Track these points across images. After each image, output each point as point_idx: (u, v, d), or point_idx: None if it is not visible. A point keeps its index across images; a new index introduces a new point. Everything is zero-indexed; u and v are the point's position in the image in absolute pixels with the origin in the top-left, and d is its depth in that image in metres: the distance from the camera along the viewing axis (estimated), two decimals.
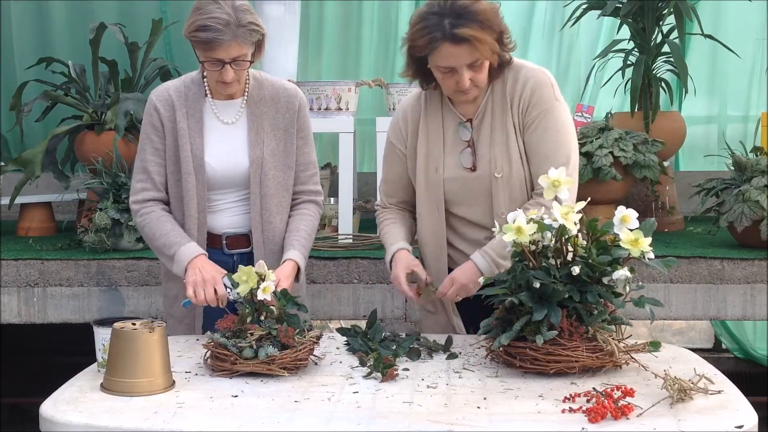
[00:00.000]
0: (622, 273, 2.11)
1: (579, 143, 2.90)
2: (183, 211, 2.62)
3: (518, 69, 2.54)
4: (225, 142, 2.63)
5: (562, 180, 2.18)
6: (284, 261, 2.58)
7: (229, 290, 2.46)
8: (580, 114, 4.09)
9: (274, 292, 2.25)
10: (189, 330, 2.70)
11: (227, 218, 2.67)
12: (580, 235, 2.14)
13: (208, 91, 2.62)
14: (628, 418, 1.85)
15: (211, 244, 2.66)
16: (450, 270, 2.57)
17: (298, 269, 2.60)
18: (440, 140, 2.60)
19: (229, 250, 2.67)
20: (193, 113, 2.61)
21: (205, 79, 2.62)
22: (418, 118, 2.62)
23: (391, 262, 2.61)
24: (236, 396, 2.03)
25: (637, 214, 2.13)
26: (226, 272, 2.49)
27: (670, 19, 4.14)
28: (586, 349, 2.11)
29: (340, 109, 4.03)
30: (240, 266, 2.25)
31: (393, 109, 4.13)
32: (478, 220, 2.59)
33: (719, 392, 2.02)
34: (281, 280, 2.45)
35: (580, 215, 2.12)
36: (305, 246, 2.65)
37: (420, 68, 2.51)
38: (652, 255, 2.11)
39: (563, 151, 2.49)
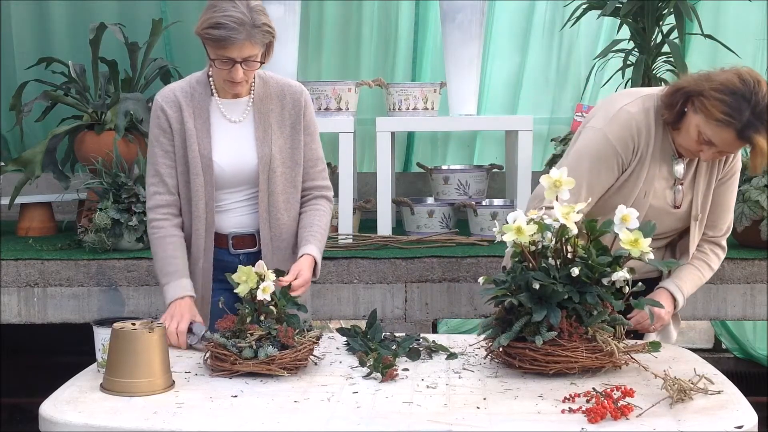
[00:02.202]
0: (622, 274, 2.11)
1: None
2: (191, 213, 2.62)
3: None
4: (233, 141, 2.62)
5: (563, 180, 2.18)
6: (302, 255, 2.58)
7: (193, 335, 2.43)
8: (579, 114, 4.08)
9: (274, 292, 2.25)
10: None
11: (234, 218, 2.67)
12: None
13: (214, 90, 2.62)
14: (627, 419, 1.85)
15: (217, 244, 2.65)
16: None
17: (315, 264, 2.60)
18: (656, 167, 2.56)
19: (235, 250, 2.67)
20: (200, 113, 2.61)
21: (210, 79, 2.62)
22: (649, 137, 2.52)
23: None
24: (236, 396, 2.03)
25: (637, 213, 2.13)
26: (200, 321, 2.48)
27: (670, 19, 4.13)
28: (586, 349, 2.11)
29: (340, 109, 4.03)
30: (240, 266, 2.25)
31: (393, 109, 4.11)
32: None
33: (719, 392, 2.02)
34: (302, 271, 2.47)
35: (580, 215, 2.13)
36: (320, 240, 2.66)
37: (681, 108, 2.46)
38: (651, 255, 2.11)
39: (732, 205, 2.71)
